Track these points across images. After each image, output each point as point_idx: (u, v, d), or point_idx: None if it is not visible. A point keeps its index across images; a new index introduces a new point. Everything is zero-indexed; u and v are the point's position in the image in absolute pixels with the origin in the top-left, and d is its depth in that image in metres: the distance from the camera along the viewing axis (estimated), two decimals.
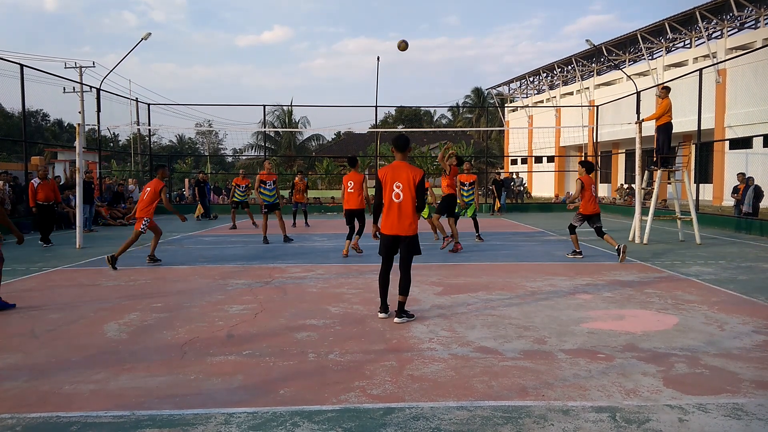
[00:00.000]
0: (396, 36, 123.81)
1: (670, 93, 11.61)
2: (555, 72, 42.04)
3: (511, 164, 42.88)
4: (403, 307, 5.50)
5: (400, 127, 57.68)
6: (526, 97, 47.66)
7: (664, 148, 11.71)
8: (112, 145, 38.24)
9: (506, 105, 48.08)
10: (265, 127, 33.08)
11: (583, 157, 27.74)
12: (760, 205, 15.20)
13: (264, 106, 24.39)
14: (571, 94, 39.77)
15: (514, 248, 11.23)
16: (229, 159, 48.86)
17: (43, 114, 55.45)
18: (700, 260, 9.42)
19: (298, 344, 4.76)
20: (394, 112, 64.57)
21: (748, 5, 26.13)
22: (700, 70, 15.84)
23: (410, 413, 3.35)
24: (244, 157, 42.52)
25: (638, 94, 20.05)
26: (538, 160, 41.10)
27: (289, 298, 6.59)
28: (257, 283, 7.51)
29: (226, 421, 3.26)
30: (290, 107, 43.49)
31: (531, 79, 46.18)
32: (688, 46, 31.35)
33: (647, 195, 13.52)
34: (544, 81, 44.20)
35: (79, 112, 28.19)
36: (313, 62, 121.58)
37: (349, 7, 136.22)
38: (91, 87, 21.54)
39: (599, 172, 26.99)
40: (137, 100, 23.91)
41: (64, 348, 4.72)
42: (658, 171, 11.96)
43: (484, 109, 47.56)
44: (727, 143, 23.56)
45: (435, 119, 63.83)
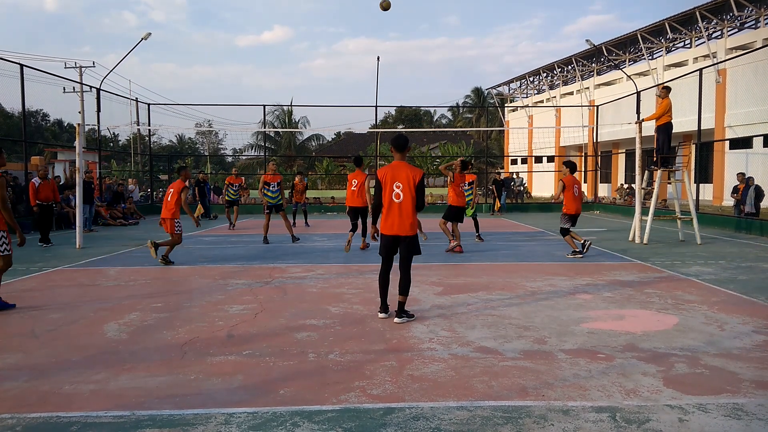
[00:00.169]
0: (396, 36, 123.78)
1: (670, 93, 11.61)
2: (555, 72, 42.04)
3: (511, 164, 42.88)
4: (403, 307, 5.50)
5: (400, 127, 57.68)
6: (526, 97, 47.66)
7: (664, 148, 11.70)
8: (112, 145, 38.25)
9: (506, 105, 48.08)
10: (265, 127, 33.08)
11: (583, 157, 27.80)
12: (761, 204, 15.20)
13: (264, 106, 24.43)
14: (571, 94, 39.77)
15: (514, 248, 11.23)
16: (229, 159, 48.89)
17: (43, 114, 55.48)
18: (700, 260, 9.42)
19: (298, 344, 4.76)
20: (394, 112, 64.58)
21: (748, 5, 26.13)
22: (700, 70, 15.85)
23: (410, 413, 3.35)
24: (244, 157, 42.53)
25: (638, 94, 20.07)
26: (538, 160, 41.09)
27: (289, 298, 6.60)
28: (257, 283, 7.51)
29: (226, 421, 3.26)
30: (290, 107, 43.51)
31: (531, 79, 46.19)
32: (688, 46, 31.35)
33: (647, 195, 13.52)
34: (544, 81, 44.20)
35: (79, 112, 28.22)
36: (313, 62, 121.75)
37: (349, 7, 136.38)
38: (91, 87, 21.56)
39: (599, 172, 26.96)
40: (137, 100, 23.94)
41: (64, 348, 4.72)
42: (658, 171, 11.96)
43: (484, 109, 47.58)
44: (727, 143, 23.54)
45: (435, 119, 63.86)
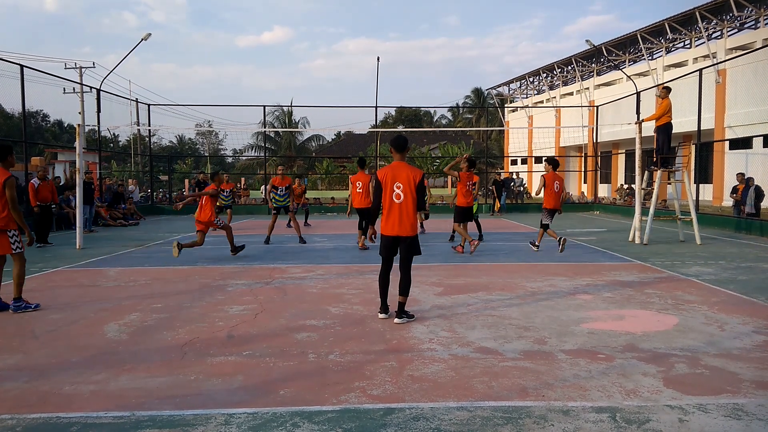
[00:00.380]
0: (396, 36, 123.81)
1: (670, 93, 11.61)
2: (555, 72, 42.05)
3: (511, 164, 42.90)
4: (404, 307, 5.49)
5: (400, 127, 57.70)
6: (526, 98, 47.65)
7: (664, 148, 11.70)
8: (112, 145, 38.22)
9: (506, 105, 48.11)
10: (265, 127, 33.08)
11: (583, 157, 27.81)
12: (761, 205, 15.19)
13: (264, 106, 24.43)
14: (571, 94, 39.77)
15: (514, 248, 11.23)
16: (229, 159, 48.92)
17: (43, 115, 55.48)
18: (700, 260, 9.42)
19: (298, 345, 4.76)
20: (394, 113, 64.66)
21: (748, 5, 26.13)
22: (700, 71, 15.85)
23: (410, 414, 3.35)
24: (244, 158, 42.54)
25: (638, 94, 20.07)
26: (538, 160, 41.06)
27: (289, 299, 6.59)
28: (257, 283, 7.51)
29: (226, 422, 3.26)
30: (290, 108, 43.55)
31: (531, 79, 46.19)
32: (688, 46, 31.35)
33: (647, 195, 13.51)
34: (544, 81, 44.20)
35: (79, 113, 28.19)
36: (313, 62, 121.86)
37: (349, 8, 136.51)
38: (91, 87, 21.57)
39: (599, 173, 26.94)
40: (137, 101, 23.93)
41: (65, 348, 4.72)
42: (658, 171, 11.96)
43: (484, 110, 47.64)
44: (727, 143, 23.54)
45: (435, 119, 63.92)
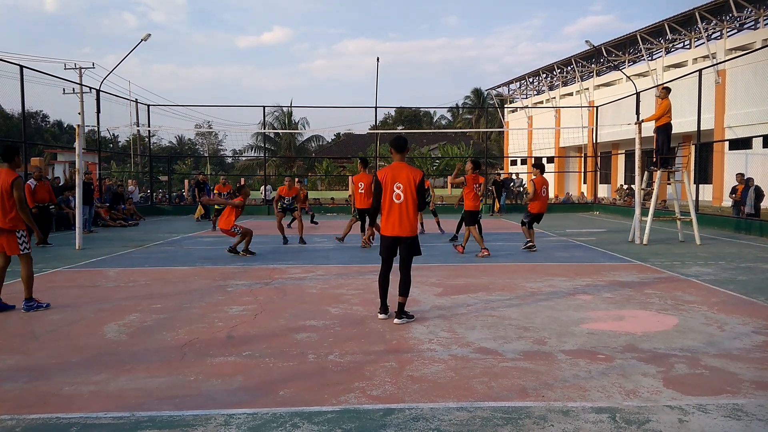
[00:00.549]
0: (396, 37, 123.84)
1: (670, 94, 11.61)
2: (555, 73, 42.06)
3: (511, 165, 42.87)
4: (403, 308, 5.49)
5: (400, 128, 57.69)
6: (526, 98, 47.67)
7: (664, 148, 11.71)
8: (111, 146, 38.20)
9: (506, 106, 48.11)
10: (264, 128, 33.10)
11: (582, 158, 27.81)
12: (761, 205, 15.19)
13: (264, 107, 24.52)
14: (571, 94, 39.78)
15: (514, 249, 11.23)
16: (229, 160, 48.92)
17: (42, 115, 55.47)
18: (699, 261, 9.42)
19: (298, 345, 4.76)
20: (393, 113, 64.64)
21: (747, 6, 26.15)
22: (700, 71, 15.85)
23: (410, 414, 3.35)
24: (244, 158, 42.54)
25: (638, 94, 20.07)
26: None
27: (288, 299, 6.59)
28: (257, 284, 7.51)
29: (226, 422, 3.26)
30: (290, 108, 43.57)
31: (531, 79, 46.22)
32: (688, 46, 31.37)
33: (647, 195, 13.52)
34: (543, 82, 44.22)
35: (79, 114, 28.17)
36: (313, 63, 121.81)
37: (350, 8, 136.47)
38: (91, 88, 21.53)
39: (598, 173, 26.94)
40: (137, 101, 23.93)
41: (64, 349, 4.72)
42: (658, 171, 11.96)
43: (484, 110, 47.57)
44: (727, 144, 23.55)
45: (435, 120, 63.93)
